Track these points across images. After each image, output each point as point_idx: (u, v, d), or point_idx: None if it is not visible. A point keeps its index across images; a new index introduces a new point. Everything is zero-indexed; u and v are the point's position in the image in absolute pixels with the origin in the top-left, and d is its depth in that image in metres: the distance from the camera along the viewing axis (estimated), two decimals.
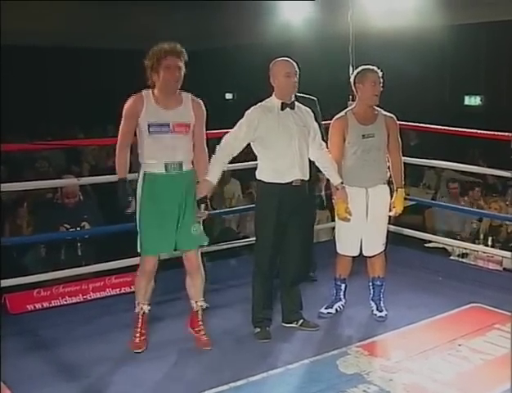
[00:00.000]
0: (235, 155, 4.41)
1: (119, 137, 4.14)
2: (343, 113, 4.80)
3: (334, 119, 4.81)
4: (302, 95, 5.19)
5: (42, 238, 6.03)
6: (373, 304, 4.94)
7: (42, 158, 10.42)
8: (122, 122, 4.13)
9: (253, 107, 4.42)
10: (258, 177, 4.49)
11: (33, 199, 7.75)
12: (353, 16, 6.50)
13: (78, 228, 6.16)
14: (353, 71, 6.42)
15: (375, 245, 4.85)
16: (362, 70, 4.78)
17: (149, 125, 4.05)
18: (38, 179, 7.01)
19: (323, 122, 5.21)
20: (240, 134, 4.37)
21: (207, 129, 4.39)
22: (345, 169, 4.71)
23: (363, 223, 4.77)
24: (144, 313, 4.35)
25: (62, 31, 13.47)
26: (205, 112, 4.25)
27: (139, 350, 4.26)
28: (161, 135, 4.06)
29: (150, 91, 4.12)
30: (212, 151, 4.35)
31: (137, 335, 4.31)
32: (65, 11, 13.52)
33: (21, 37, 12.71)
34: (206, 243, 4.37)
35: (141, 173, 4.15)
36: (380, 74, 4.74)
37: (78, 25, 13.64)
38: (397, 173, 4.92)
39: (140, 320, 4.34)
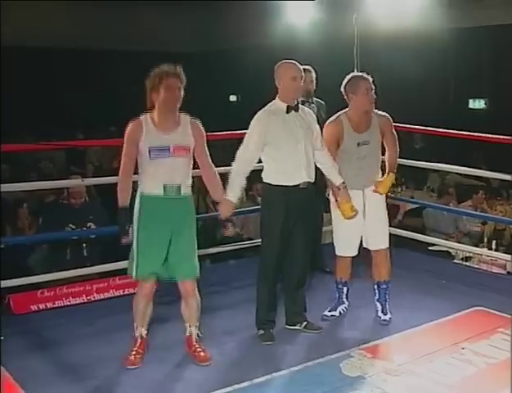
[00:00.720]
0: (251, 168, 4.41)
1: (121, 163, 4.14)
2: (335, 117, 4.73)
3: (328, 122, 4.76)
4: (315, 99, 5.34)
5: (48, 238, 6.05)
6: (379, 305, 4.92)
7: (46, 159, 10.46)
8: (124, 148, 4.13)
9: (257, 114, 4.41)
10: (264, 180, 4.48)
11: (37, 200, 7.77)
12: (358, 19, 6.52)
13: (84, 229, 6.19)
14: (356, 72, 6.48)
15: (377, 239, 4.84)
16: (353, 78, 4.70)
17: (149, 150, 4.03)
18: (42, 180, 7.04)
19: None
20: (251, 146, 4.36)
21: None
22: (342, 172, 4.65)
23: (361, 223, 4.77)
24: (142, 337, 4.27)
25: (63, 32, 13.52)
26: (204, 132, 4.22)
27: (132, 367, 4.13)
28: (161, 159, 4.04)
29: (148, 115, 4.10)
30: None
31: (133, 353, 4.21)
32: (66, 12, 13.60)
33: (23, 38, 12.77)
34: (197, 276, 4.24)
35: (138, 194, 4.13)
36: (371, 79, 4.67)
37: (81, 26, 13.71)
38: (392, 163, 4.87)
39: (138, 342, 4.26)
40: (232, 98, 17.28)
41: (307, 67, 5.64)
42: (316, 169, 4.56)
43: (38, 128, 11.56)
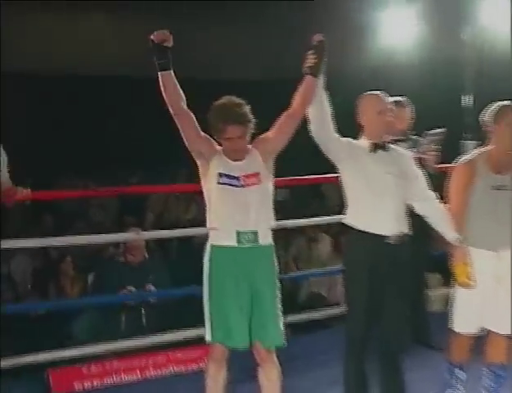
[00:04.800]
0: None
1: None
2: (470, 156, 4.50)
3: (459, 162, 4.52)
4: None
5: (98, 301, 6.01)
6: None
7: (97, 205, 10.48)
8: None
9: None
10: (345, 221, 4.31)
11: (84, 254, 7.76)
12: (470, 34, 6.35)
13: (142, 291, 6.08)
14: (468, 101, 6.35)
15: (505, 321, 4.45)
16: (499, 106, 4.41)
17: (219, 174, 3.99)
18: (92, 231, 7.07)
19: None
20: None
21: None
22: (469, 225, 4.40)
23: (490, 295, 4.40)
24: None
25: (114, 60, 13.83)
26: (266, 134, 4.15)
27: None
28: (231, 189, 3.98)
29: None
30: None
31: None
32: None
33: (74, 67, 13.09)
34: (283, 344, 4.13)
35: (208, 246, 4.06)
36: None
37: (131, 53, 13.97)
38: None
39: None
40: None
41: (400, 99, 5.53)
42: (416, 218, 4.39)
43: (84, 171, 11.69)
